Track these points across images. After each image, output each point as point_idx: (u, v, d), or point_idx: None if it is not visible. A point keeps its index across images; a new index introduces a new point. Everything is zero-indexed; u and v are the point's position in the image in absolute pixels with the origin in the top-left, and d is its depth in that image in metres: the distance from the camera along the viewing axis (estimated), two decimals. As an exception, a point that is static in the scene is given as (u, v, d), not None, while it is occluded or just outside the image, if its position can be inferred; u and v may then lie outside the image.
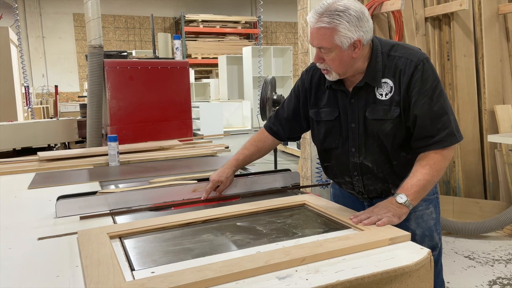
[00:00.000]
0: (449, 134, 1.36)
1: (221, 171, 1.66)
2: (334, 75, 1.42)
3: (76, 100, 11.14)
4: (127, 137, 3.20)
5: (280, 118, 1.70)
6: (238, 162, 1.69)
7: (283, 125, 1.69)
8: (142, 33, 13.68)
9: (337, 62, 1.37)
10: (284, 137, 1.72)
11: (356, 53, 1.36)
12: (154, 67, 3.52)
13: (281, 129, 1.70)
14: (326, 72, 1.44)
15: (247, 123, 10.50)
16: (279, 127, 1.70)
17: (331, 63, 1.38)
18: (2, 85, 4.94)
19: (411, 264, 1.00)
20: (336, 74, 1.42)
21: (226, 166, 1.68)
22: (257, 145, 1.72)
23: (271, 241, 1.18)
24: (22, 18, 11.81)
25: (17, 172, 2.26)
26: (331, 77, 1.44)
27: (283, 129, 1.69)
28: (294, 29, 15.51)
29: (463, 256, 3.02)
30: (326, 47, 1.35)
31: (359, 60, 1.40)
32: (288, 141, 1.78)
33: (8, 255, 1.17)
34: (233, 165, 1.68)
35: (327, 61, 1.39)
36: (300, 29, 3.48)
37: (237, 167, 1.69)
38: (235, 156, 1.71)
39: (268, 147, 1.74)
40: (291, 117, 1.67)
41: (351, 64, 1.39)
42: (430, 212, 1.55)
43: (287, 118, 1.68)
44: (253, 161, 1.75)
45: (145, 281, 0.92)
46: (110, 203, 1.55)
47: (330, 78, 1.45)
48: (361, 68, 1.43)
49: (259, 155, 1.74)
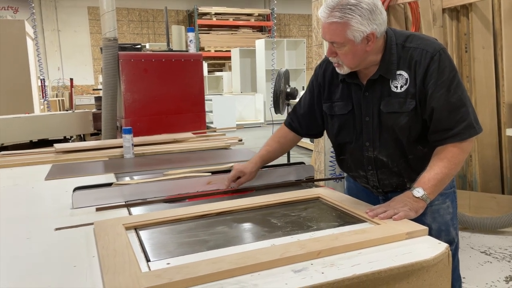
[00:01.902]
0: (467, 126, 1.33)
1: (246, 164, 1.66)
2: (345, 69, 1.40)
3: (91, 93, 11.27)
4: (141, 130, 3.22)
5: (298, 114, 1.68)
6: (263, 158, 1.68)
7: (300, 121, 1.68)
8: (155, 26, 13.72)
9: (350, 57, 1.35)
10: (303, 133, 1.71)
11: (369, 46, 1.34)
12: (168, 59, 3.53)
13: (299, 126, 1.68)
14: (337, 66, 1.42)
15: (259, 116, 10.49)
16: (297, 124, 1.68)
17: (344, 57, 1.36)
18: (18, 78, 5.01)
19: (429, 258, 0.99)
20: (348, 68, 1.40)
21: (250, 161, 1.68)
22: (279, 141, 1.71)
23: (286, 234, 1.17)
24: (38, 12, 11.95)
25: (34, 163, 2.30)
26: (342, 71, 1.42)
27: (301, 125, 1.68)
28: (307, 21, 15.38)
29: (479, 252, 2.98)
30: (338, 42, 1.32)
31: (372, 53, 1.37)
32: (308, 137, 1.77)
33: (27, 244, 1.18)
34: (258, 161, 1.68)
35: (339, 55, 1.36)
36: (315, 21, 3.44)
37: (261, 163, 1.69)
38: (258, 153, 1.70)
39: (290, 143, 1.73)
40: (307, 113, 1.65)
41: (364, 58, 1.37)
42: (447, 206, 1.53)
43: (304, 114, 1.66)
44: (277, 157, 1.73)
45: (161, 272, 0.92)
46: (125, 194, 1.56)
47: (341, 72, 1.43)
48: (375, 61, 1.40)
49: (282, 151, 1.73)
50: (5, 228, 1.32)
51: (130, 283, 0.88)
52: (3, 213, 1.49)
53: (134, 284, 0.87)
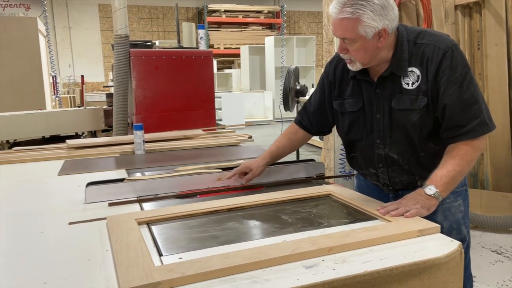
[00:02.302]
0: (480, 123, 1.32)
1: (254, 160, 1.67)
2: (357, 65, 1.39)
3: (101, 90, 11.36)
4: (152, 126, 3.25)
5: (308, 112, 1.68)
6: (272, 154, 1.69)
7: (310, 119, 1.67)
8: (165, 23, 13.77)
9: (361, 53, 1.34)
10: (313, 131, 1.70)
11: (381, 42, 1.33)
12: (179, 56, 3.54)
13: (309, 123, 1.68)
14: (349, 62, 1.41)
15: (268, 113, 10.49)
16: (307, 121, 1.68)
17: (355, 53, 1.35)
18: (31, 74, 5.07)
19: (441, 256, 0.99)
20: (360, 64, 1.39)
21: (259, 157, 1.68)
22: (289, 137, 1.71)
23: (297, 231, 1.18)
24: (49, 9, 12.06)
25: (47, 159, 2.33)
26: (354, 67, 1.41)
27: (311, 123, 1.68)
28: (317, 18, 15.31)
29: (490, 251, 2.95)
30: (350, 38, 1.31)
31: (384, 49, 1.37)
32: (318, 135, 1.76)
33: (41, 238, 1.20)
34: (266, 157, 1.68)
35: (351, 51, 1.35)
36: (325, 18, 3.43)
37: (270, 159, 1.69)
38: (268, 149, 1.71)
39: (301, 140, 1.73)
40: (317, 111, 1.65)
41: (376, 54, 1.36)
42: (458, 204, 1.52)
43: (314, 112, 1.66)
44: (287, 153, 1.73)
45: (174, 266, 0.93)
46: (137, 190, 1.58)
47: (353, 69, 1.42)
48: (386, 57, 1.39)
49: (292, 147, 1.73)
50: (20, 222, 1.35)
51: (143, 276, 0.89)
52: (18, 207, 1.52)
53: (147, 278, 0.88)
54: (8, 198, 1.65)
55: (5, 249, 1.13)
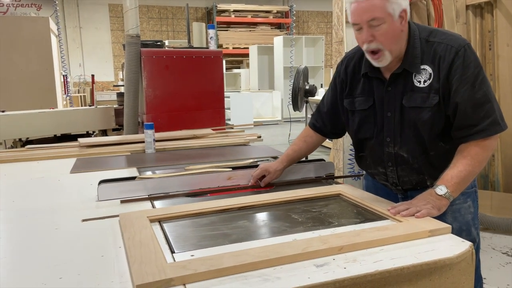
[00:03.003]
0: (492, 123, 1.31)
1: (272, 163, 1.69)
2: (386, 55, 1.34)
3: (111, 89, 11.45)
4: (162, 125, 3.27)
5: (321, 113, 1.69)
6: (289, 157, 1.70)
7: (324, 120, 1.68)
8: (174, 23, 13.83)
9: (390, 36, 1.31)
10: (328, 133, 1.71)
11: (403, 26, 1.33)
12: (189, 56, 3.56)
13: (323, 125, 1.69)
14: (377, 55, 1.35)
15: (277, 113, 10.48)
16: (321, 123, 1.69)
17: (383, 38, 1.31)
18: (43, 74, 5.13)
19: (452, 256, 0.99)
20: (389, 53, 1.34)
21: (277, 160, 1.70)
22: (305, 140, 1.72)
23: (307, 230, 1.18)
24: (60, 9, 12.19)
25: (60, 157, 2.36)
26: (382, 60, 1.36)
27: (325, 124, 1.68)
28: (326, 18, 15.27)
29: (500, 253, 2.93)
30: (379, 17, 1.28)
31: (404, 38, 1.37)
32: (333, 137, 1.77)
33: (55, 235, 1.23)
34: (284, 160, 1.69)
35: (378, 36, 1.31)
36: (335, 18, 3.43)
37: (288, 162, 1.70)
38: (285, 152, 1.72)
39: (316, 142, 1.74)
40: (330, 111, 1.65)
41: (401, 39, 1.35)
42: (468, 206, 1.51)
43: (327, 112, 1.66)
44: (304, 155, 1.75)
45: (186, 263, 0.94)
46: (149, 188, 1.60)
47: (381, 62, 1.37)
48: (399, 52, 1.39)
49: (308, 150, 1.74)
50: (34, 219, 1.37)
51: (156, 273, 0.90)
52: (32, 204, 1.54)
53: (160, 274, 0.89)
54: (22, 195, 1.68)
55: (20, 244, 1.16)
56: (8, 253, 1.10)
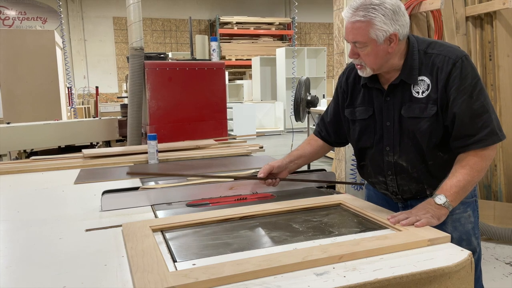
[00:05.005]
0: (490, 133, 1.33)
1: (275, 161, 1.67)
2: (368, 71, 1.41)
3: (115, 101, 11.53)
4: (165, 136, 3.30)
5: (325, 122, 1.72)
6: (291, 155, 1.69)
7: (328, 130, 1.70)
8: (178, 35, 13.97)
9: (372, 57, 1.37)
10: (332, 142, 1.72)
11: (392, 47, 1.36)
12: (192, 68, 3.61)
13: (327, 134, 1.71)
14: (359, 68, 1.43)
15: (279, 124, 10.52)
16: (325, 132, 1.71)
17: (366, 58, 1.38)
18: (48, 86, 5.19)
19: (451, 265, 0.99)
20: (370, 70, 1.41)
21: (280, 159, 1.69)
22: (310, 143, 1.73)
23: (308, 239, 1.20)
24: (65, 22, 12.36)
25: (64, 168, 2.39)
26: (364, 73, 1.43)
27: (329, 133, 1.70)
28: (328, 29, 15.40)
29: (504, 263, 2.91)
30: (361, 41, 1.34)
31: (395, 56, 1.39)
32: (337, 146, 1.78)
33: (59, 244, 1.24)
34: (285, 158, 1.68)
35: (362, 56, 1.38)
36: (336, 30, 3.47)
37: (289, 158, 1.67)
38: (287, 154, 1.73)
39: (321, 147, 1.73)
40: (334, 121, 1.68)
41: (386, 59, 1.38)
42: (468, 215, 1.52)
43: (330, 122, 1.69)
44: (308, 156, 1.72)
45: (188, 272, 0.96)
46: (151, 198, 1.61)
47: (363, 74, 1.44)
48: (397, 65, 1.42)
49: (312, 151, 1.72)
50: (38, 229, 1.39)
51: (158, 281, 0.91)
52: (36, 214, 1.56)
53: (162, 283, 0.91)
54: (27, 206, 1.70)
55: (25, 254, 1.18)
56: (13, 262, 1.12)
